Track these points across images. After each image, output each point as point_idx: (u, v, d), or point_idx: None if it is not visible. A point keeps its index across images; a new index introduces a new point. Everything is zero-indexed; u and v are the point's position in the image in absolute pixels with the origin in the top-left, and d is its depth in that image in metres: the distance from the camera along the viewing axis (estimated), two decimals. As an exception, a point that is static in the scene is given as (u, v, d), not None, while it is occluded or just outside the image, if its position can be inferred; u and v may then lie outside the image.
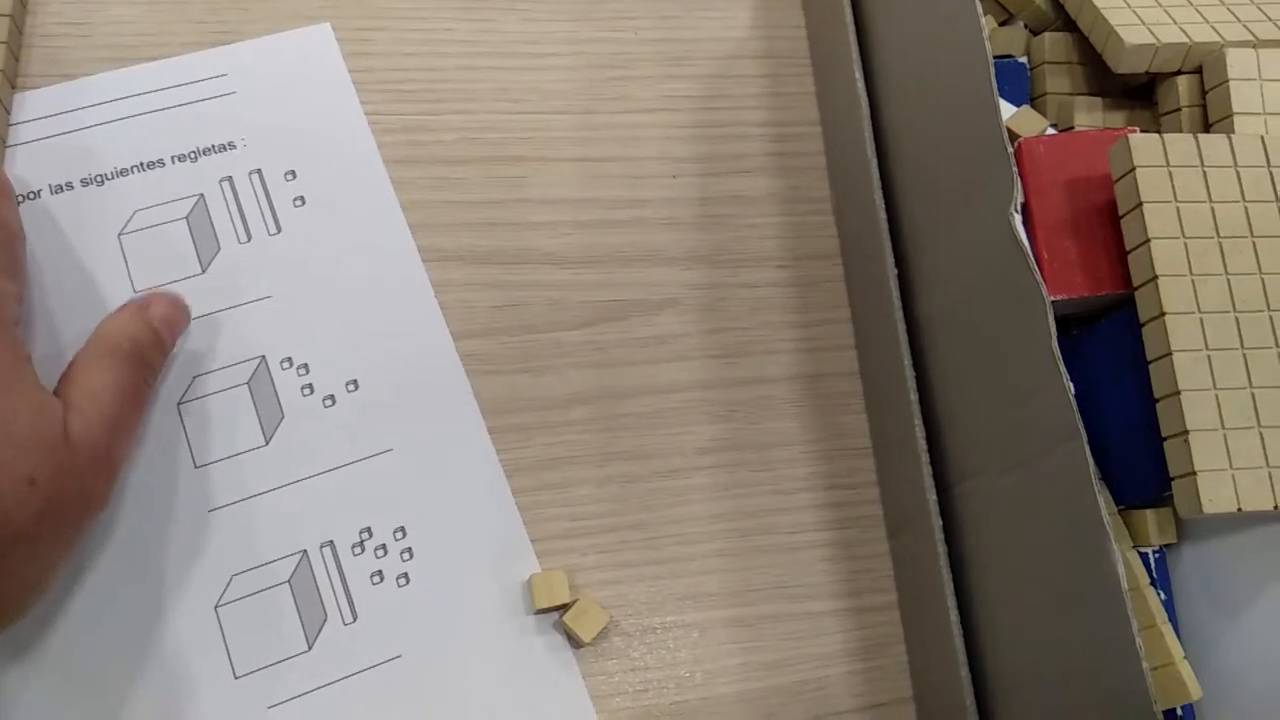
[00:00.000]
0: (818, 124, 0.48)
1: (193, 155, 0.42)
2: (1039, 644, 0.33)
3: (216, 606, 0.37)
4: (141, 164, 0.42)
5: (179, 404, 0.39)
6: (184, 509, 0.38)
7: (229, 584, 0.37)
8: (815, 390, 0.44)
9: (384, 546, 0.39)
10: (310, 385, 0.40)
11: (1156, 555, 0.37)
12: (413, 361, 0.41)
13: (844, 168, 0.45)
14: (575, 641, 0.39)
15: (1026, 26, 0.46)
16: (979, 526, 0.36)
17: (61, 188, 0.41)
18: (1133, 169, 0.36)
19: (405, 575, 0.38)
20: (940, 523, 0.37)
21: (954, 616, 0.36)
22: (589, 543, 0.40)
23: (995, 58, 0.44)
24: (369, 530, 0.39)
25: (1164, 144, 0.36)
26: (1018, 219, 0.32)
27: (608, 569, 0.40)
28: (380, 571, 0.38)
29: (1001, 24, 0.46)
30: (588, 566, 0.40)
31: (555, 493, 0.41)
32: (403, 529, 0.39)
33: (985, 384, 0.36)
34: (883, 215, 0.41)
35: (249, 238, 0.42)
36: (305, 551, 0.38)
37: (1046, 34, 0.44)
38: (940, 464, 0.38)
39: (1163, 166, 0.36)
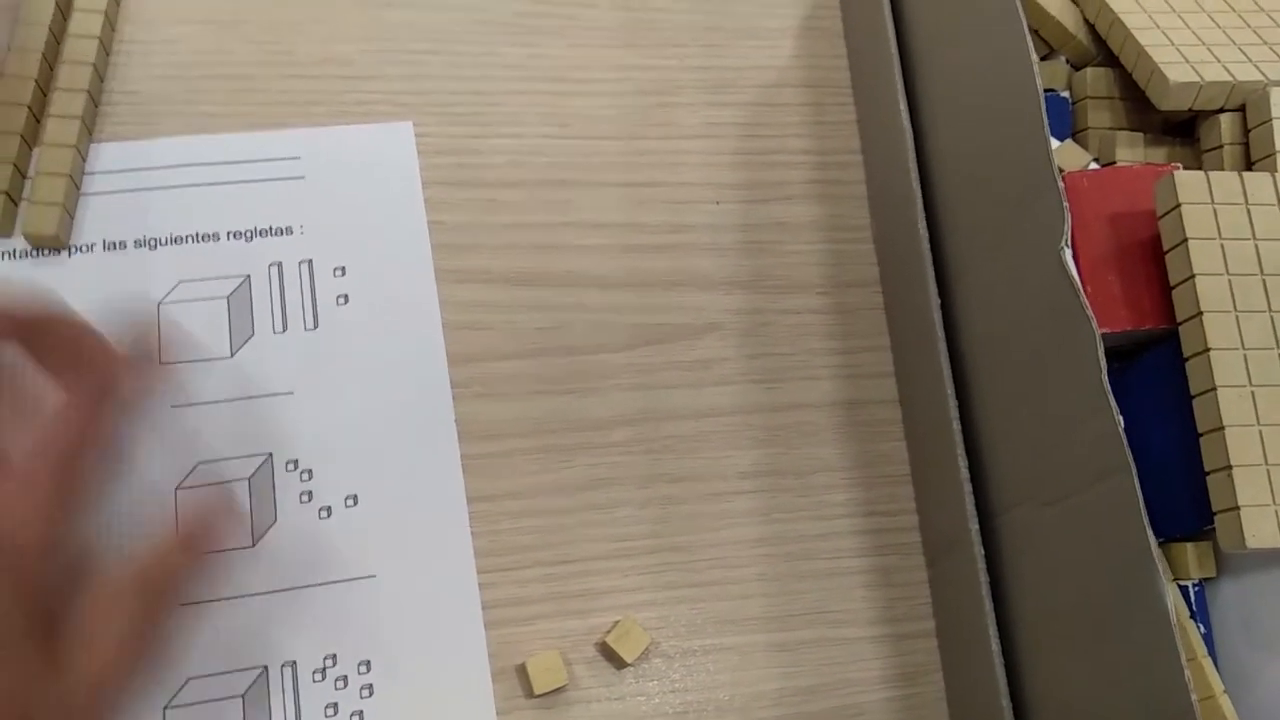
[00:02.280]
0: (859, 153, 0.49)
1: (248, 235, 0.42)
2: (1082, 675, 0.34)
3: (165, 708, 0.35)
4: (197, 235, 0.41)
5: (177, 489, 0.38)
6: None
7: (184, 687, 0.36)
8: (854, 417, 0.44)
9: (345, 678, 0.37)
10: (310, 492, 0.39)
11: (1196, 589, 0.38)
12: (419, 488, 0.40)
13: (885, 196, 0.46)
14: (618, 662, 0.39)
15: (1068, 61, 0.46)
16: (1021, 556, 0.37)
17: (115, 245, 0.41)
18: (1178, 205, 0.36)
19: (360, 714, 0.37)
20: (982, 551, 0.37)
21: (996, 646, 0.36)
22: (631, 564, 0.41)
23: (1038, 91, 0.45)
24: (334, 658, 0.37)
25: (1209, 181, 0.37)
26: (1068, 252, 0.32)
27: (649, 590, 0.41)
28: (336, 705, 0.37)
29: (1043, 59, 0.47)
30: (629, 588, 0.40)
31: (599, 513, 0.41)
32: (368, 663, 0.37)
33: (1030, 415, 0.36)
34: (926, 244, 0.41)
35: (285, 328, 0.41)
36: (266, 668, 0.36)
37: (1089, 69, 0.44)
38: (981, 493, 0.38)
39: (1207, 204, 0.36)
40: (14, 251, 0.40)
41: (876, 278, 0.47)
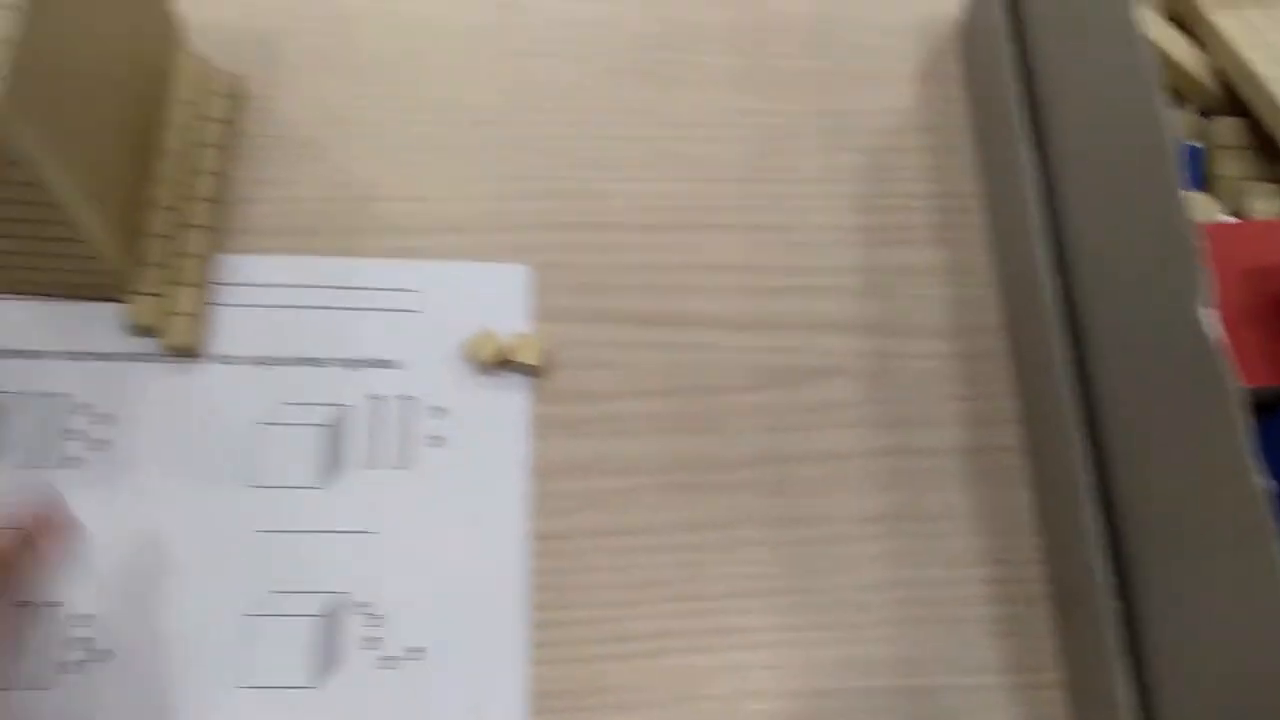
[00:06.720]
0: (977, 196, 0.49)
1: (354, 363, 0.41)
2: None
3: None
4: (304, 358, 0.41)
5: (244, 614, 0.38)
6: None
7: None
8: (977, 464, 0.44)
9: None
10: (377, 639, 0.38)
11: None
12: (484, 651, 0.38)
13: (1012, 241, 0.46)
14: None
15: (1198, 110, 0.46)
16: (1162, 616, 0.36)
17: (228, 358, 0.41)
18: (1325, 259, 0.36)
19: None
20: (1115, 605, 0.37)
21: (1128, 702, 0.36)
22: (755, 603, 0.41)
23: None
24: None
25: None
26: (1210, 313, 0.32)
27: (773, 631, 0.41)
28: None
29: (1170, 106, 0.47)
30: (753, 627, 0.41)
31: (723, 553, 0.41)
32: None
33: (1170, 475, 0.35)
34: (1049, 294, 0.41)
35: (374, 465, 0.40)
36: None
37: (1223, 119, 0.44)
38: (1118, 548, 0.38)
39: (1354, 258, 0.36)
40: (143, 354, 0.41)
41: (997, 323, 0.47)
